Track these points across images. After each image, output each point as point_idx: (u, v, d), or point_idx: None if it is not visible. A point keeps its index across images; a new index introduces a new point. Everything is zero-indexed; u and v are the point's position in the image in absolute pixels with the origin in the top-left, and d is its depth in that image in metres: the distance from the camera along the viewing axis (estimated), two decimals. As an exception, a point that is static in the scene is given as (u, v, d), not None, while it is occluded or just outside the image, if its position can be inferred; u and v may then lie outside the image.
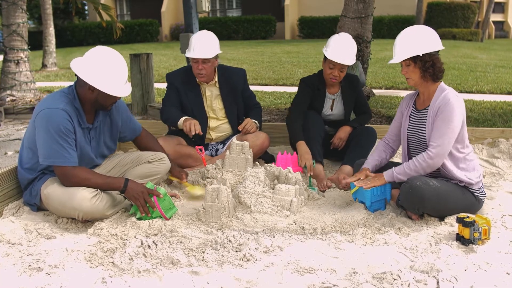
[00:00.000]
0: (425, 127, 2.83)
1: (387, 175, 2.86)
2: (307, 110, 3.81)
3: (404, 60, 2.78)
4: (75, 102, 2.80)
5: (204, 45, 3.62)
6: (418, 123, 2.89)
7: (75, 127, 2.77)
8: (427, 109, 2.83)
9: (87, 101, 2.82)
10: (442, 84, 2.82)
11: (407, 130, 2.96)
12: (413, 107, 2.97)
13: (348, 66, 3.67)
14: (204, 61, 3.65)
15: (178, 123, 3.63)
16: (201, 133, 3.56)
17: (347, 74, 3.98)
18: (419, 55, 2.73)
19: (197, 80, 3.82)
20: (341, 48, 3.60)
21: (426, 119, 2.83)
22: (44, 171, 2.86)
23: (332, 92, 3.88)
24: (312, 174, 3.45)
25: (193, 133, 3.48)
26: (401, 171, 2.81)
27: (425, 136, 2.83)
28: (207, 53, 3.62)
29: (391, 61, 2.83)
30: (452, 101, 2.70)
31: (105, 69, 2.72)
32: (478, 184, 2.81)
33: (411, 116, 2.95)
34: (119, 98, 2.89)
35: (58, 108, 2.70)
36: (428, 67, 2.74)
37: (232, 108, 3.92)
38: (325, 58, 3.69)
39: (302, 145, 3.52)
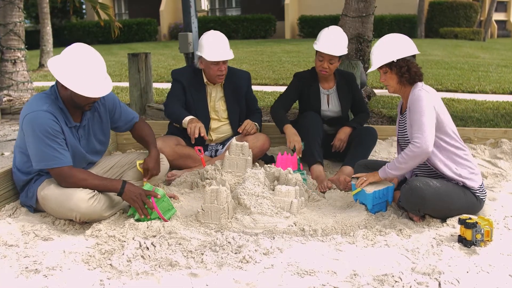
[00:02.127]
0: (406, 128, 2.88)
1: (380, 171, 2.89)
2: (307, 111, 3.80)
3: (381, 68, 2.86)
4: (58, 102, 2.74)
5: (224, 46, 3.67)
6: (403, 126, 2.94)
7: (62, 127, 2.72)
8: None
9: (66, 100, 2.74)
10: (417, 83, 2.85)
11: (398, 134, 3.01)
12: (400, 112, 3.02)
13: (337, 56, 3.67)
14: (224, 61, 3.69)
15: (183, 121, 3.59)
16: (206, 138, 3.52)
17: (342, 71, 3.99)
18: (393, 61, 2.80)
19: (204, 81, 3.80)
20: (328, 40, 3.65)
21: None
22: (40, 173, 2.83)
23: (326, 87, 3.87)
24: (301, 156, 3.45)
25: (196, 136, 3.45)
26: (392, 166, 2.84)
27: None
28: (230, 53, 3.68)
29: (369, 70, 2.96)
30: (418, 94, 2.75)
31: (76, 67, 2.61)
32: (477, 182, 2.78)
33: (399, 121, 3.00)
34: (96, 98, 2.72)
35: (42, 110, 2.65)
36: (404, 72, 2.81)
37: (235, 110, 3.90)
38: (316, 52, 3.73)
39: (289, 128, 3.59)
